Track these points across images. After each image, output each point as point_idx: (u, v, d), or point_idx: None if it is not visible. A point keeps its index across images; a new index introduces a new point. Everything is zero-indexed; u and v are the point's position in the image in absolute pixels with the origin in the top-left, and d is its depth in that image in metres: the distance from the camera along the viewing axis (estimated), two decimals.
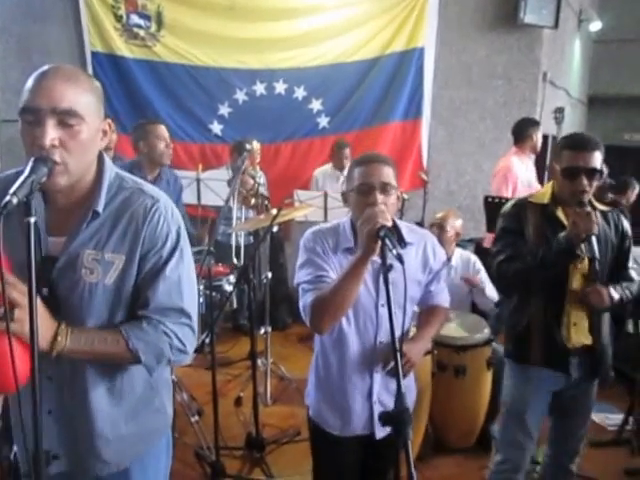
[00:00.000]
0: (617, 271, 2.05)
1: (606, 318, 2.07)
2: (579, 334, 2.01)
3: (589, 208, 1.88)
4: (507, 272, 2.00)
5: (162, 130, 3.12)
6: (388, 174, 1.61)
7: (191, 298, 1.32)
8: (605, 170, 6.67)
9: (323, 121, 5.38)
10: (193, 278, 1.35)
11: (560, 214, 1.98)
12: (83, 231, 1.22)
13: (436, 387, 2.80)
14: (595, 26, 7.73)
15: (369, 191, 1.58)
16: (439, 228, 3.16)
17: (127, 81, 5.09)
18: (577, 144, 1.92)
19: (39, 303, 1.11)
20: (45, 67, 1.16)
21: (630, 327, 3.18)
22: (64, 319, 1.19)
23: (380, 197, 1.56)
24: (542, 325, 2.01)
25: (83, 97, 1.16)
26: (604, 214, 2.03)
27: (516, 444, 2.10)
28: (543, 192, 2.07)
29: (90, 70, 5.04)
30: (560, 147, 1.98)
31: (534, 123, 4.16)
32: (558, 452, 2.20)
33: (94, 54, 5.04)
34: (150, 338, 1.25)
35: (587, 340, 2.02)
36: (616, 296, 1.94)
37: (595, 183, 1.91)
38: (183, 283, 1.29)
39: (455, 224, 3.22)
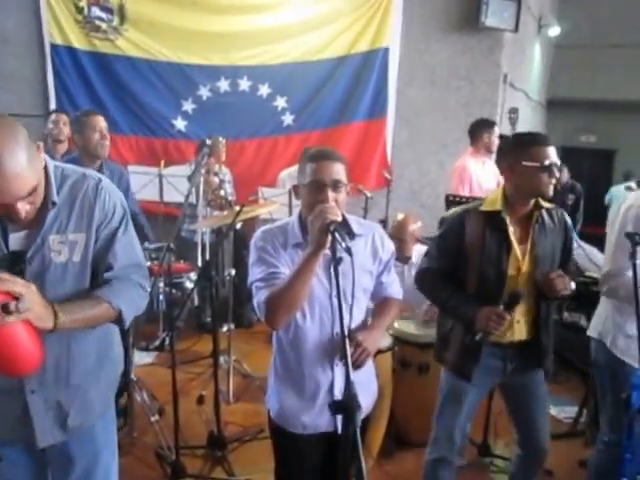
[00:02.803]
0: (564, 263, 2.13)
1: (551, 313, 2.15)
2: (521, 331, 2.08)
3: (509, 317, 1.92)
4: (422, 286, 2.18)
5: (97, 121, 2.96)
6: (339, 171, 1.62)
7: (141, 253, 1.59)
8: (567, 173, 6.90)
9: (288, 119, 5.38)
10: (137, 238, 1.59)
11: (508, 222, 2.01)
12: (45, 221, 1.37)
13: (399, 384, 2.83)
14: (554, 31, 7.96)
15: (320, 188, 1.59)
16: (398, 241, 3.17)
17: (88, 75, 4.99)
18: (544, 140, 1.99)
19: (34, 291, 1.24)
20: None
21: (583, 322, 3.30)
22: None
23: (331, 195, 1.59)
24: (461, 334, 2.08)
25: (33, 172, 1.27)
26: (549, 211, 2.10)
27: (448, 430, 2.17)
28: (494, 198, 2.07)
29: (49, 63, 4.93)
30: (525, 145, 1.98)
31: (487, 124, 4.26)
32: (527, 451, 2.23)
33: (53, 46, 4.91)
34: (122, 290, 1.44)
35: (525, 336, 2.09)
36: (573, 285, 2.00)
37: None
38: (134, 242, 1.54)
39: (414, 229, 3.24)
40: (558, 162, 1.97)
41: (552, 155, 1.97)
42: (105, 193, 1.46)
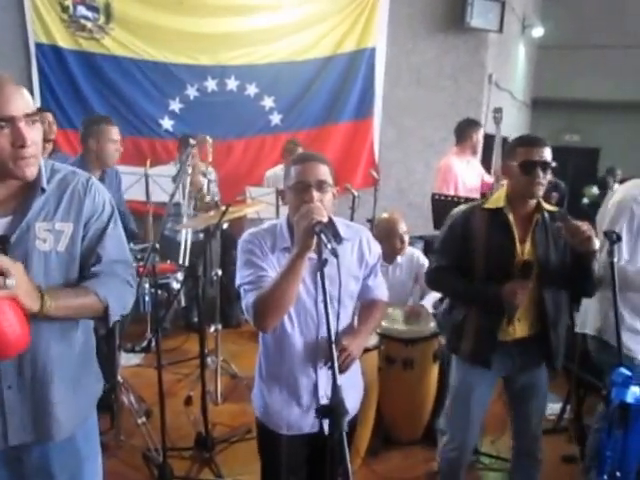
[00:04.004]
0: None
1: (563, 306, 2.15)
2: (522, 329, 2.11)
3: (530, 284, 1.98)
4: (437, 283, 2.29)
5: (115, 133, 3.06)
6: (324, 172, 1.63)
7: (128, 253, 1.61)
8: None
9: (275, 118, 5.38)
10: (125, 238, 1.61)
11: (511, 218, 2.06)
12: (32, 207, 1.37)
13: (385, 380, 2.85)
14: (537, 32, 8.05)
15: (305, 189, 1.59)
16: (401, 241, 3.16)
17: (73, 75, 4.93)
18: (530, 141, 2.05)
19: (21, 270, 1.23)
20: None
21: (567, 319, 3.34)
22: None
23: (316, 195, 1.58)
24: (476, 321, 2.12)
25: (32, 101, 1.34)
26: (552, 214, 2.12)
27: (461, 426, 2.22)
28: (498, 196, 2.13)
29: (34, 62, 4.86)
30: (514, 146, 2.07)
31: (474, 124, 4.29)
32: (523, 441, 2.28)
33: (38, 46, 4.85)
34: (109, 283, 1.44)
35: (528, 332, 2.12)
36: (596, 241, 1.95)
37: (548, 177, 2.01)
38: (122, 239, 1.55)
39: (405, 229, 3.25)
40: (547, 161, 1.98)
41: (537, 155, 1.98)
42: (95, 189, 1.48)
